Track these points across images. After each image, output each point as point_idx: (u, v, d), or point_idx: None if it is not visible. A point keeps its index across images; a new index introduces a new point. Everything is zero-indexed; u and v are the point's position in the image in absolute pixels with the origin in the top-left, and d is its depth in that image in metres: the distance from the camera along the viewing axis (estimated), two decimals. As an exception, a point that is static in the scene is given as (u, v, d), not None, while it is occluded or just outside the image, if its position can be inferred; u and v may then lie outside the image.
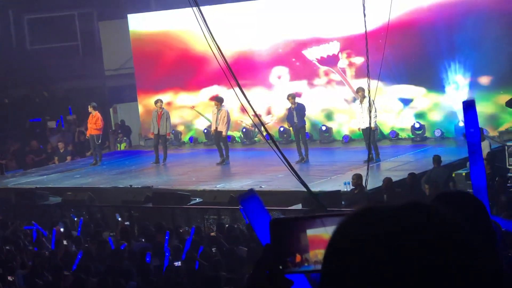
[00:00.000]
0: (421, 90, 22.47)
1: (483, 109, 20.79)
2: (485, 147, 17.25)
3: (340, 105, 23.65)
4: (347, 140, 23.22)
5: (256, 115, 13.93)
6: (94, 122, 22.48)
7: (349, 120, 22.80)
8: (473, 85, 21.52)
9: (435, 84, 22.11)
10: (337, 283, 1.31)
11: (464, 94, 21.52)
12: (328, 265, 1.36)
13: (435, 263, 1.25)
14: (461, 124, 21.42)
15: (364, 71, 16.75)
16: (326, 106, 24.01)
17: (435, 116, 22.26)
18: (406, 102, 22.71)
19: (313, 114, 23.77)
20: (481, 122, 20.32)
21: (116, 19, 28.01)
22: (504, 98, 20.01)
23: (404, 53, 22.14)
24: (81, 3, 29.50)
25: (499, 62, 20.76)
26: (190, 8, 10.66)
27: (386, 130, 22.93)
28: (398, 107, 22.90)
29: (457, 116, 21.53)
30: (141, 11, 27.01)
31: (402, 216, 1.30)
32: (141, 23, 26.82)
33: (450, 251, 1.27)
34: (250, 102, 12.69)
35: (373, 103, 19.05)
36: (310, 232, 1.68)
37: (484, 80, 21.44)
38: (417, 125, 22.11)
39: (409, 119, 22.65)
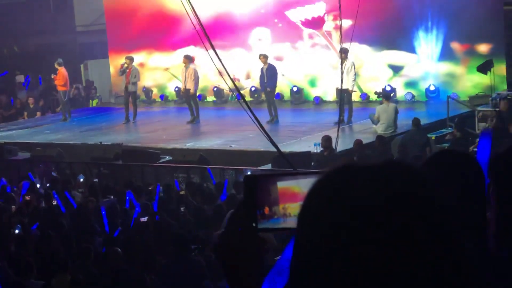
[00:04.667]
0: (413, 57, 21.76)
1: (479, 79, 20.22)
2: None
3: (325, 70, 22.58)
4: (318, 101, 23.05)
5: (231, 79, 13.81)
6: (59, 78, 22.46)
7: (333, 86, 21.27)
8: (471, 53, 20.82)
9: (410, 47, 21.72)
10: (311, 243, 1.27)
11: (435, 58, 21.43)
12: (302, 223, 1.31)
13: (411, 224, 1.22)
14: (432, 88, 21.45)
15: (351, 35, 16.35)
16: (309, 71, 23.23)
17: (424, 84, 21.62)
18: (396, 69, 21.92)
19: (296, 79, 23.38)
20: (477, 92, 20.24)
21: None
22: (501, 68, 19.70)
23: (389, 17, 21.37)
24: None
25: (497, 29, 20.09)
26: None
27: (372, 96, 22.27)
28: (387, 74, 22.15)
29: (428, 79, 21.49)
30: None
31: (382, 175, 1.27)
32: (114, -22, 26.34)
33: (429, 214, 1.24)
34: (224, 65, 12.59)
35: (353, 66, 19.01)
36: (280, 185, 1.64)
37: (483, 48, 20.68)
38: (388, 88, 21.83)
39: (398, 86, 22.00)
